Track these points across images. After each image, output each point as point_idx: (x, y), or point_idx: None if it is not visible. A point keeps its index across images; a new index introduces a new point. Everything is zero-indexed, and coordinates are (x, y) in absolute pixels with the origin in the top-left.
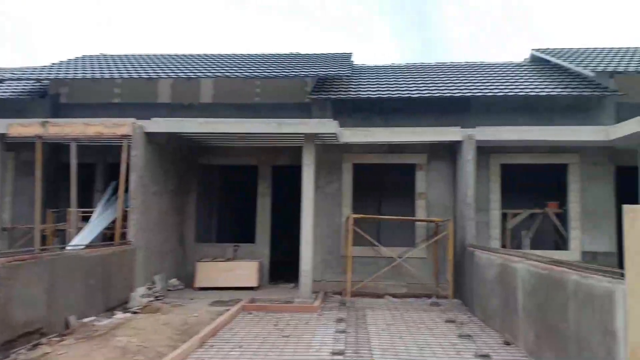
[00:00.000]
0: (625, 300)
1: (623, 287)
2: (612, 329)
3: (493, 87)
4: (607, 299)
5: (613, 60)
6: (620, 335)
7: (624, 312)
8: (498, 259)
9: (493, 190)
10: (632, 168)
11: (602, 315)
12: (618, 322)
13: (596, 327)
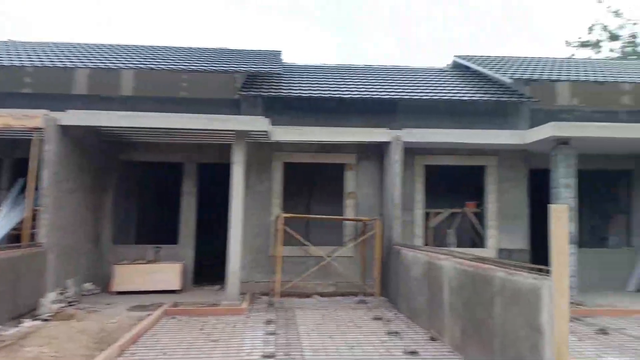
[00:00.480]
0: (551, 296)
1: (549, 283)
2: (538, 324)
3: (419, 91)
4: (534, 295)
5: (528, 69)
6: (545, 330)
7: (549, 307)
8: (424, 257)
9: (417, 190)
10: (544, 170)
11: (528, 311)
12: (544, 318)
13: (522, 323)
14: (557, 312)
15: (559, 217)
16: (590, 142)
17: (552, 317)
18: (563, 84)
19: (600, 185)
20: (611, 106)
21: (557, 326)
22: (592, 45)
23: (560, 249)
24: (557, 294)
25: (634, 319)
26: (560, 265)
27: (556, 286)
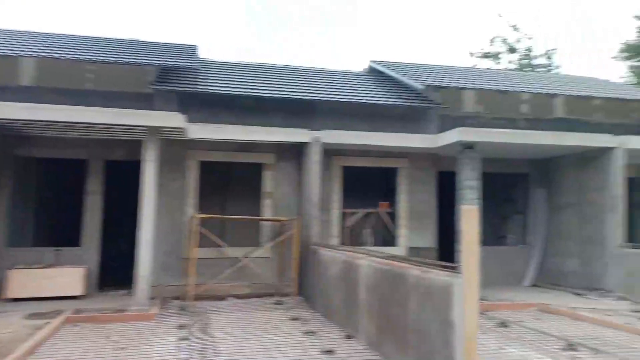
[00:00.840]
0: (462, 292)
1: (460, 280)
2: (450, 320)
3: (337, 93)
4: (446, 292)
5: (438, 76)
6: (456, 325)
7: (460, 303)
8: (342, 256)
9: (335, 190)
10: (451, 173)
11: (441, 307)
12: (455, 313)
13: (435, 318)
14: (467, 307)
15: (469, 217)
16: (492, 147)
17: (463, 312)
18: (469, 91)
19: (500, 187)
20: (511, 114)
21: (467, 321)
22: (493, 57)
23: (470, 247)
24: (468, 290)
25: (530, 311)
26: (470, 262)
27: (466, 283)
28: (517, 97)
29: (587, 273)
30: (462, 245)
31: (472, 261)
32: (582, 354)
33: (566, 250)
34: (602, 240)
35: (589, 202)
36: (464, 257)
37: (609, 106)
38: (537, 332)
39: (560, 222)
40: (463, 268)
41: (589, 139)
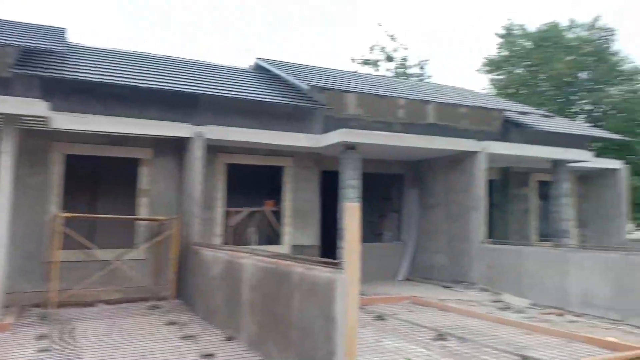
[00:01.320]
0: (344, 288)
1: (343, 276)
2: (332, 315)
3: (222, 88)
4: (329, 288)
5: (322, 78)
6: (338, 320)
7: (343, 299)
8: (225, 256)
9: (218, 188)
10: (334, 172)
11: (324, 303)
12: (337, 308)
13: (318, 315)
14: (348, 302)
15: (351, 214)
16: (372, 149)
17: (345, 307)
18: (352, 94)
19: (378, 186)
20: (389, 118)
21: (348, 315)
22: (373, 64)
23: (352, 243)
24: (350, 286)
25: (403, 304)
26: (352, 258)
27: (349, 278)
28: (395, 102)
29: (454, 267)
30: (344, 242)
31: (354, 257)
32: (450, 343)
33: (436, 246)
34: (467, 237)
35: (456, 202)
36: (347, 253)
37: (473, 114)
38: (410, 323)
39: (431, 220)
40: (345, 264)
41: (456, 143)
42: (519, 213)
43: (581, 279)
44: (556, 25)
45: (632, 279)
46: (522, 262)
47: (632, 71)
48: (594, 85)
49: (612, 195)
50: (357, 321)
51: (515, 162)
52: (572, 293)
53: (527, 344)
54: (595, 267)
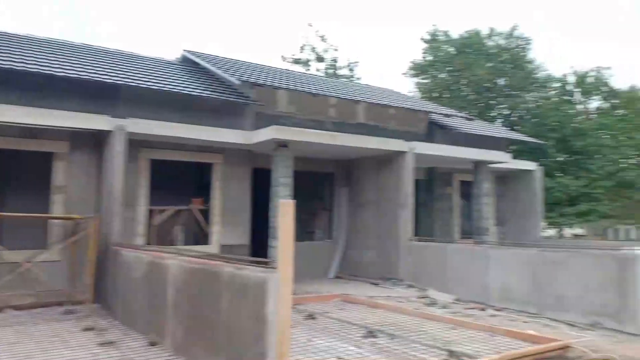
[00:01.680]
0: (277, 288)
1: (276, 275)
2: (264, 316)
3: (146, 79)
4: (261, 288)
5: (253, 74)
6: (270, 320)
7: (275, 298)
8: (148, 257)
9: (141, 185)
10: (266, 170)
11: (255, 304)
12: (269, 308)
13: (249, 316)
14: (281, 302)
15: (285, 212)
16: (304, 146)
17: (277, 307)
18: (283, 91)
19: (309, 185)
20: (320, 116)
21: (280, 316)
22: (303, 63)
23: (286, 242)
24: (282, 285)
25: (334, 302)
26: (286, 257)
27: (282, 277)
28: (326, 101)
29: (383, 264)
30: (278, 240)
31: (287, 256)
32: (381, 340)
33: (366, 244)
34: (396, 234)
35: (386, 200)
36: (280, 252)
37: (401, 115)
38: (341, 321)
39: (361, 218)
40: (279, 263)
41: (387, 143)
42: (443, 211)
43: (501, 274)
44: (477, 32)
45: (547, 274)
46: (446, 258)
47: (545, 79)
48: (511, 91)
49: (528, 195)
50: (289, 321)
51: (440, 162)
52: (493, 288)
53: (453, 338)
54: (514, 263)
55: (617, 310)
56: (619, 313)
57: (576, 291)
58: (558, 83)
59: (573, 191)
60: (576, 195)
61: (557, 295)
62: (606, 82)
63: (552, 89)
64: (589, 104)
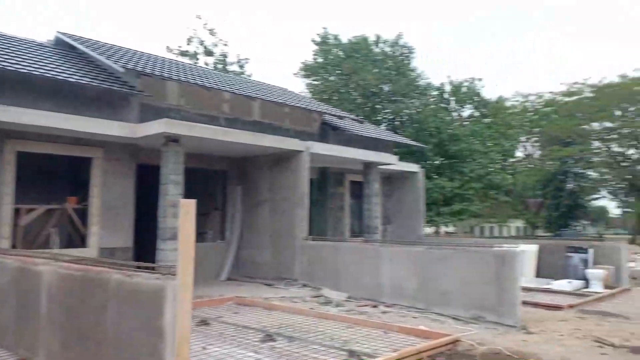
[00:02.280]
0: (176, 295)
1: (175, 282)
2: (160, 326)
3: (14, 62)
4: (157, 296)
5: (139, 62)
6: (167, 332)
7: (173, 308)
8: (15, 263)
9: (6, 182)
10: (152, 166)
11: (150, 313)
12: (167, 318)
13: (141, 326)
14: (180, 311)
15: (187, 211)
16: (196, 142)
17: (176, 317)
18: (173, 83)
19: (201, 183)
20: (213, 112)
21: (179, 326)
22: (191, 56)
23: (186, 244)
24: (182, 293)
25: (228, 306)
26: (186, 261)
27: (182, 284)
28: (220, 96)
29: (278, 264)
30: (179, 243)
31: (188, 260)
32: (279, 344)
33: (260, 244)
34: (291, 234)
35: (281, 199)
36: (181, 256)
37: (296, 114)
38: (236, 326)
39: (255, 217)
40: (179, 268)
41: (283, 142)
42: (335, 210)
43: (392, 272)
44: (365, 39)
45: (434, 271)
46: (339, 257)
47: (425, 87)
48: (395, 97)
49: (412, 196)
50: (189, 331)
51: (332, 162)
52: (384, 285)
53: (350, 337)
54: (404, 260)
55: (496, 304)
56: (498, 307)
57: (459, 287)
58: (436, 91)
59: (448, 192)
60: (451, 196)
61: (442, 291)
62: (478, 92)
63: (431, 96)
64: (462, 112)
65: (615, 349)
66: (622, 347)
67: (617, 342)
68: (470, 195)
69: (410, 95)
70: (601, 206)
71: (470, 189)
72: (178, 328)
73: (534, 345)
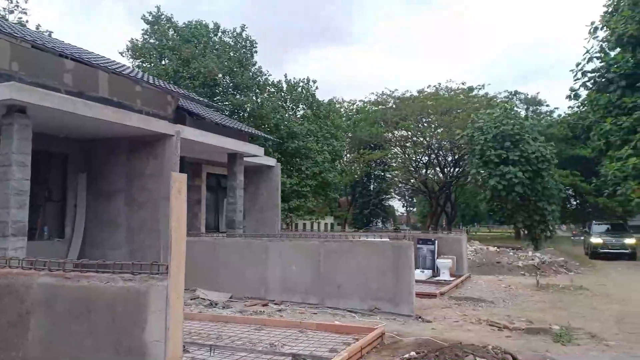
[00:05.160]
0: (168, 301)
1: (163, 284)
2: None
3: None
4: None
5: None
6: (153, 352)
7: (162, 318)
8: None
9: None
10: None
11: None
12: (153, 334)
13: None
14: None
15: (179, 188)
16: (44, 115)
17: (167, 331)
18: (4, 42)
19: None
20: (54, 82)
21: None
22: None
23: (179, 231)
24: (174, 297)
25: None
26: (179, 253)
27: (174, 285)
28: (62, 64)
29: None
30: (171, 229)
31: (180, 252)
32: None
33: (114, 241)
34: (156, 229)
35: (143, 190)
36: (173, 248)
37: (149, 95)
38: None
39: (107, 210)
40: (171, 263)
41: (150, 123)
42: (191, 205)
43: (282, 267)
44: (206, 25)
45: (330, 264)
46: (218, 254)
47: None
48: (236, 89)
49: (268, 189)
50: (181, 348)
51: (189, 151)
52: (272, 282)
53: (271, 339)
54: (296, 255)
55: (393, 295)
56: (394, 297)
57: (357, 279)
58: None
59: (288, 189)
60: (290, 192)
61: (338, 284)
62: (313, 93)
63: (270, 93)
64: (298, 111)
65: (511, 332)
66: (515, 330)
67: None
68: (306, 192)
69: (252, 89)
70: (390, 205)
71: (306, 186)
72: (169, 345)
73: (446, 332)
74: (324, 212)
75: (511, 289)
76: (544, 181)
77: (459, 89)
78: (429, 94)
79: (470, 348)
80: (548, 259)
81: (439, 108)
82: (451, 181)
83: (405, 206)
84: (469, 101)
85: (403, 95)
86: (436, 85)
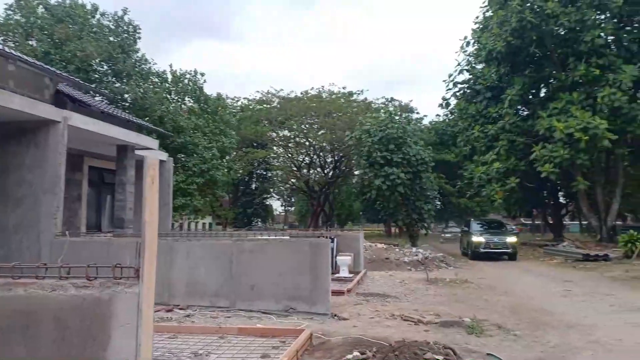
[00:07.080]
0: (140, 312)
1: (133, 290)
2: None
3: None
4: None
5: None
6: None
7: (133, 332)
8: None
9: None
10: None
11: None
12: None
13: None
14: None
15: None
16: None
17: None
18: None
19: None
20: None
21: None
22: None
23: (152, 228)
24: (146, 306)
25: None
26: (151, 257)
27: (146, 290)
28: None
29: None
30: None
31: (153, 252)
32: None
33: None
34: (36, 227)
35: (19, 183)
36: (146, 247)
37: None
38: None
39: None
40: (143, 263)
41: (35, 107)
42: (70, 201)
43: (189, 269)
44: (83, 5)
45: (243, 264)
46: (114, 255)
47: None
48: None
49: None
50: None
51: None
52: (176, 285)
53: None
54: (205, 255)
55: (309, 294)
56: (311, 296)
57: (272, 279)
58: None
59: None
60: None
61: (252, 284)
62: (201, 87)
63: (154, 83)
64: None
65: (427, 325)
66: (430, 323)
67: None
68: (192, 190)
69: (135, 78)
70: (268, 204)
71: (193, 184)
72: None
73: (368, 329)
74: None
75: (406, 284)
76: (422, 182)
77: (340, 92)
78: (312, 96)
79: (416, 345)
80: (429, 255)
81: (322, 110)
82: (332, 181)
83: (284, 205)
84: (349, 105)
85: (288, 96)
86: (319, 88)
